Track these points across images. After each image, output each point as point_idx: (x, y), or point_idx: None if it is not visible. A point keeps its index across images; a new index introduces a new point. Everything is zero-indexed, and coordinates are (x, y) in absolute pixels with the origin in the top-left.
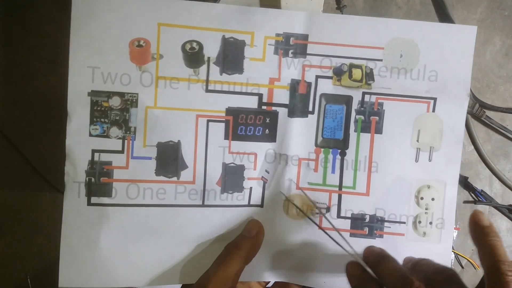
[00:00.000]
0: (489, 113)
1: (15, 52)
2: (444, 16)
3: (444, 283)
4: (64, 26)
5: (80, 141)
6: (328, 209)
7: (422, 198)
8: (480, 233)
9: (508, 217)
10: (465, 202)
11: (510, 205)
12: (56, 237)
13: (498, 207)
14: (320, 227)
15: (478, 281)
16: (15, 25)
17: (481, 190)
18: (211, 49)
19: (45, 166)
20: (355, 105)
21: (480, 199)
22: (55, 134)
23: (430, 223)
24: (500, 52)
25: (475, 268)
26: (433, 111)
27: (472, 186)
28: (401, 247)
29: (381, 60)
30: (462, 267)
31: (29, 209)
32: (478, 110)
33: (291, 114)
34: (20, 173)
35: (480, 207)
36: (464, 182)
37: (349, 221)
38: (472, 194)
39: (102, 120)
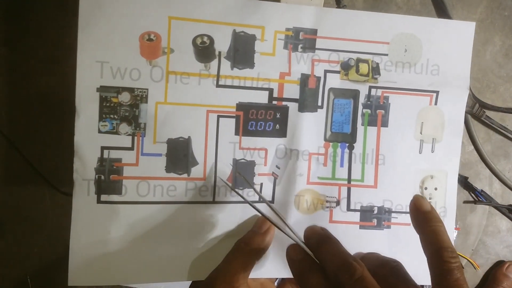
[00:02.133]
0: (489, 113)
1: (15, 52)
2: (444, 16)
3: (388, 275)
4: (64, 26)
5: (89, 138)
6: (338, 202)
7: (426, 188)
8: (422, 219)
9: (508, 217)
10: (465, 202)
11: (510, 205)
12: (56, 237)
13: (498, 207)
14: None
15: (478, 281)
16: (15, 25)
17: (481, 190)
18: (222, 44)
19: (45, 166)
20: (362, 99)
21: (480, 199)
22: (55, 134)
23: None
24: (500, 52)
25: (475, 268)
26: (436, 104)
27: (472, 186)
28: (408, 237)
29: (386, 54)
30: (462, 267)
31: (29, 209)
32: (478, 110)
33: (302, 108)
34: (20, 173)
35: (480, 207)
36: (464, 182)
37: (358, 213)
38: (472, 194)
39: (112, 116)
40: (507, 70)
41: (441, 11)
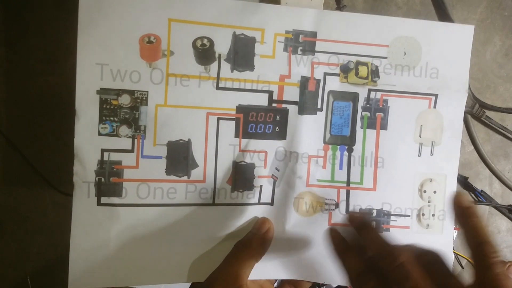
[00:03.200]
0: (489, 113)
1: (15, 52)
2: (444, 16)
3: (428, 264)
4: (64, 26)
5: (89, 140)
6: (337, 205)
7: (425, 191)
8: (463, 215)
9: (508, 217)
10: None
11: (510, 205)
12: (56, 237)
13: (498, 207)
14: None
15: None
16: (15, 25)
17: (481, 190)
18: (222, 46)
19: (45, 166)
20: (361, 102)
21: (480, 199)
22: (55, 134)
23: (433, 215)
24: (500, 52)
25: None
26: (434, 107)
27: (472, 186)
28: (407, 240)
29: (386, 57)
30: (462, 267)
31: (29, 209)
32: (478, 110)
33: (301, 111)
34: (20, 173)
35: (480, 207)
36: (464, 182)
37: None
38: (472, 194)
39: (112, 118)
40: (507, 70)
41: (441, 11)
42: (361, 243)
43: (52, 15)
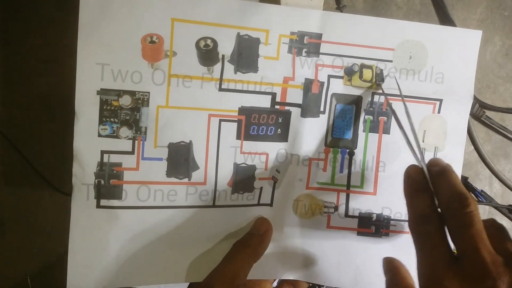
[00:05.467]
0: (489, 113)
1: (15, 52)
2: (444, 16)
3: (494, 234)
4: (64, 26)
5: (89, 142)
6: (336, 208)
7: None
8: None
9: (508, 217)
10: None
11: (510, 205)
12: (56, 237)
13: (498, 207)
14: None
15: None
16: (15, 25)
17: (481, 190)
18: (226, 47)
19: (45, 166)
20: (364, 105)
21: (480, 199)
22: (55, 134)
23: None
24: (500, 52)
25: None
26: (439, 112)
27: (472, 186)
28: (406, 245)
29: (391, 61)
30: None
31: (29, 209)
32: (478, 110)
33: (304, 114)
34: (20, 173)
35: (480, 207)
36: (464, 182)
37: (356, 220)
38: (472, 194)
39: (112, 120)
40: (507, 70)
41: (441, 11)
42: (438, 187)
43: (52, 15)
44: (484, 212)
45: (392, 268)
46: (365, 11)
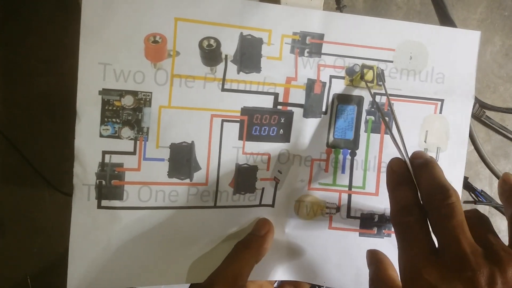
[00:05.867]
0: (489, 113)
1: (15, 52)
2: (444, 16)
3: (475, 225)
4: (64, 26)
5: (90, 142)
6: (338, 209)
7: None
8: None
9: None
10: (465, 202)
11: None
12: (56, 237)
13: (498, 207)
14: None
15: None
16: (15, 25)
17: (481, 190)
18: (229, 47)
19: (45, 166)
20: (366, 106)
21: (480, 199)
22: (55, 134)
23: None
24: (500, 52)
25: None
26: (440, 112)
27: (472, 186)
28: None
29: (392, 61)
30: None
31: (29, 209)
32: (478, 110)
33: (306, 114)
34: (20, 173)
35: (480, 207)
36: (464, 182)
37: (358, 221)
38: (472, 194)
39: (114, 120)
40: (507, 70)
41: (441, 11)
42: (420, 179)
43: (52, 15)
44: (484, 212)
45: (375, 260)
46: (365, 11)
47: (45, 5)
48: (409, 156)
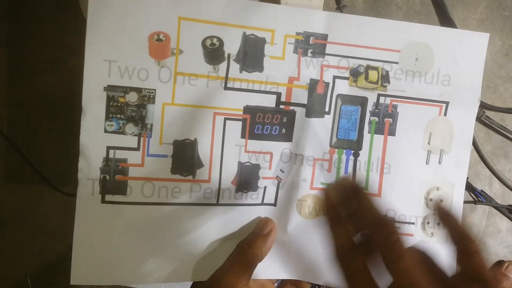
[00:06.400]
0: (489, 113)
1: (15, 52)
2: (444, 16)
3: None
4: (64, 26)
5: (95, 137)
6: None
7: (431, 199)
8: (446, 217)
9: (508, 217)
10: (465, 202)
11: (510, 205)
12: (56, 237)
13: (498, 207)
14: None
15: None
16: (15, 25)
17: (481, 190)
18: (232, 46)
19: (45, 166)
20: (370, 107)
21: (480, 199)
22: (55, 134)
23: (438, 223)
24: (500, 52)
25: None
26: (445, 114)
27: (472, 186)
28: None
29: (397, 62)
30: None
31: (29, 209)
32: (478, 110)
33: (309, 114)
34: (21, 173)
35: (480, 207)
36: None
37: None
38: (472, 194)
39: (118, 116)
40: (507, 70)
41: (441, 11)
42: (354, 213)
43: (52, 15)
44: (484, 212)
45: None
46: (365, 11)
47: (45, 5)
48: (336, 184)
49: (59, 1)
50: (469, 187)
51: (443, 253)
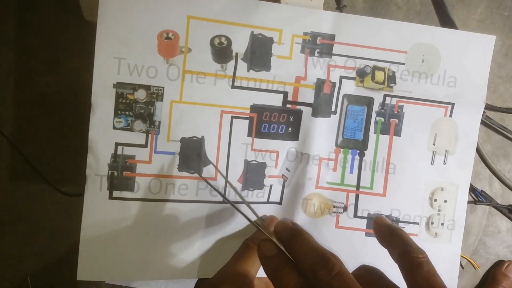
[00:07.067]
0: (489, 113)
1: (15, 52)
2: (444, 16)
3: (366, 275)
4: (64, 26)
5: (104, 133)
6: (345, 208)
7: (435, 200)
8: (385, 232)
9: (508, 217)
10: None
11: (510, 205)
12: (56, 237)
13: (498, 207)
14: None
15: (478, 281)
16: (15, 25)
17: (481, 190)
18: (240, 45)
19: (46, 166)
20: (376, 107)
21: (480, 199)
22: (55, 134)
23: (442, 224)
24: (500, 52)
25: (475, 268)
26: (450, 116)
27: (472, 186)
28: None
29: (403, 63)
30: (462, 267)
31: (29, 209)
32: None
33: (315, 113)
34: (20, 173)
35: (480, 207)
36: None
37: (365, 220)
38: (472, 194)
39: (127, 113)
40: (507, 70)
41: (441, 11)
42: (295, 253)
43: (52, 15)
44: (484, 212)
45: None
46: (364, 11)
47: (45, 5)
48: (273, 230)
49: (59, 1)
50: (469, 187)
51: (447, 253)
